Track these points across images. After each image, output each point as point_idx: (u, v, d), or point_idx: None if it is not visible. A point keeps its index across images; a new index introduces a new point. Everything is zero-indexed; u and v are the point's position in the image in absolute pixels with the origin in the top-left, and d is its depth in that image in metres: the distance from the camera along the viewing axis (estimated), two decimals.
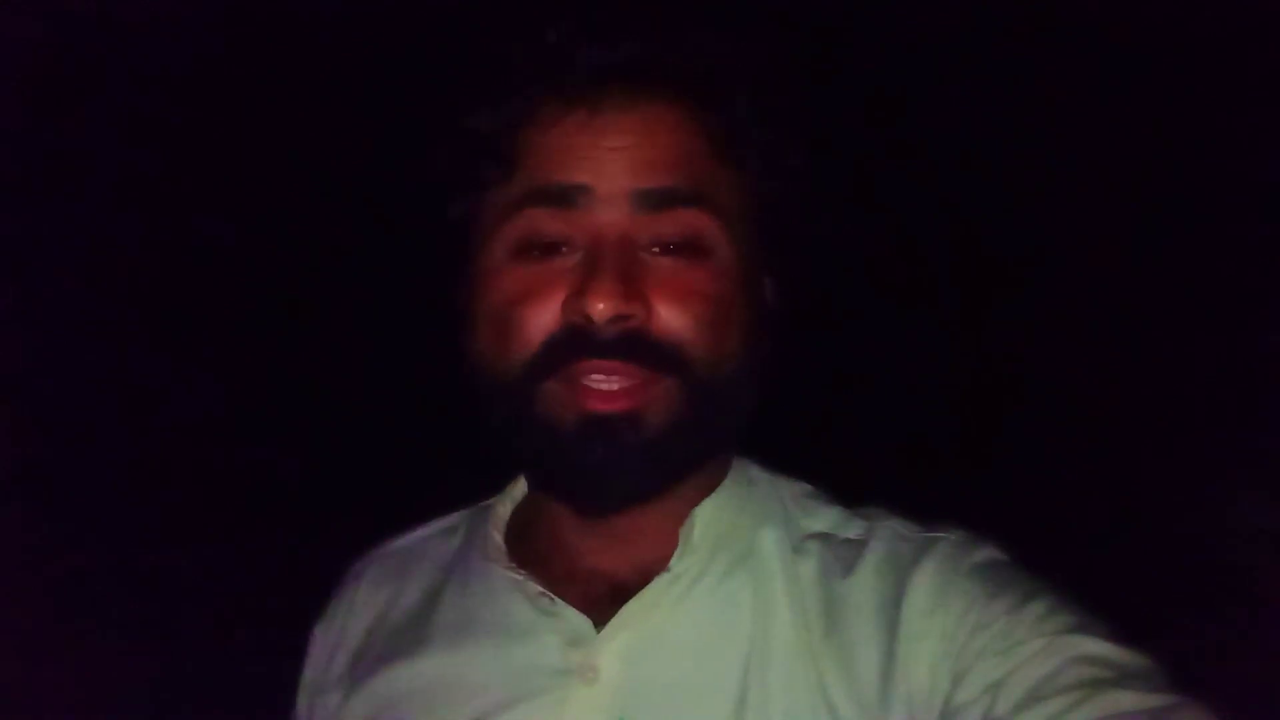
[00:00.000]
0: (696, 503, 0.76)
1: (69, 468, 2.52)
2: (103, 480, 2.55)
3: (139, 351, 2.62)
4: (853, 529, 0.78)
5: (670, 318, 0.68)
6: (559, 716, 0.71)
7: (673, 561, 0.74)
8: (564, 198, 0.69)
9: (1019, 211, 2.79)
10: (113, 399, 2.60)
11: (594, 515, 0.74)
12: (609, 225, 0.69)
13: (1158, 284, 2.64)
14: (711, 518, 0.76)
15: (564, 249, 0.70)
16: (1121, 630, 0.65)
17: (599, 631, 0.73)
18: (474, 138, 0.73)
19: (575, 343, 0.67)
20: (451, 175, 0.75)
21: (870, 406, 2.67)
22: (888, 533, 0.76)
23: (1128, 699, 0.59)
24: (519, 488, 0.86)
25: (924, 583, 0.71)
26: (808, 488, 0.84)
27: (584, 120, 0.70)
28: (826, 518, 0.80)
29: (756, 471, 0.84)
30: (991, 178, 2.79)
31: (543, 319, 0.68)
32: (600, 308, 0.66)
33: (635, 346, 0.67)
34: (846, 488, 0.83)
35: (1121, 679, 0.61)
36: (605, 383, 0.67)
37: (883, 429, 2.67)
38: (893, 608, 0.70)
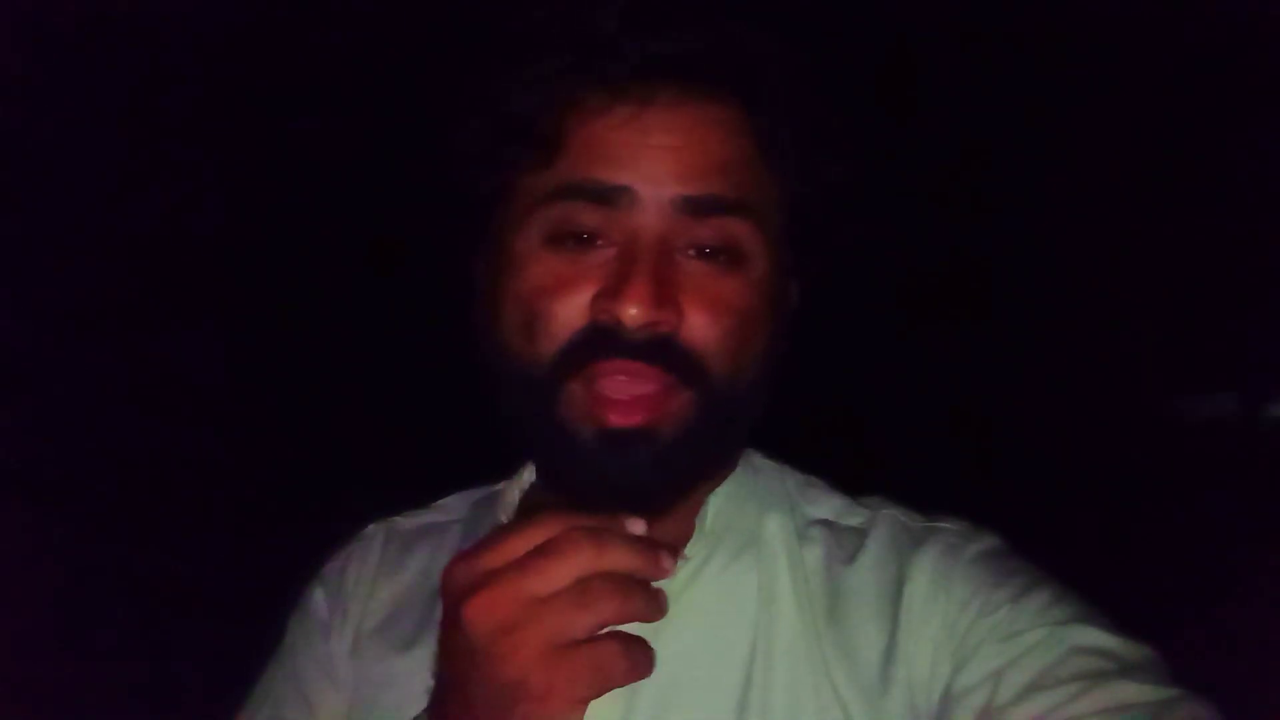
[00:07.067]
0: (707, 493, 0.77)
1: (69, 466, 2.51)
2: (102, 478, 2.54)
3: (135, 346, 2.61)
4: (855, 517, 0.79)
5: (700, 327, 0.67)
6: None
7: (688, 548, 0.74)
8: (605, 196, 0.67)
9: (1020, 213, 2.82)
10: (111, 391, 2.60)
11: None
12: (648, 227, 0.67)
13: (1144, 288, 2.72)
14: (723, 506, 0.77)
15: (599, 242, 0.68)
16: (1120, 622, 0.66)
17: None
18: (513, 118, 0.71)
19: (600, 342, 0.66)
20: (485, 153, 0.73)
21: (870, 400, 2.69)
22: (889, 521, 0.77)
23: (1129, 691, 0.60)
24: (529, 472, 0.86)
25: (926, 570, 0.71)
26: (810, 477, 0.84)
27: (631, 114, 0.68)
28: (829, 505, 0.80)
29: (760, 459, 0.84)
30: (992, 181, 2.82)
31: (570, 313, 0.67)
32: (632, 312, 0.64)
33: (661, 352, 0.66)
34: (845, 479, 0.84)
35: (1123, 671, 0.61)
36: (626, 386, 0.66)
37: (882, 423, 2.69)
38: (895, 594, 0.71)
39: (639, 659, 0.55)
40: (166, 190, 2.56)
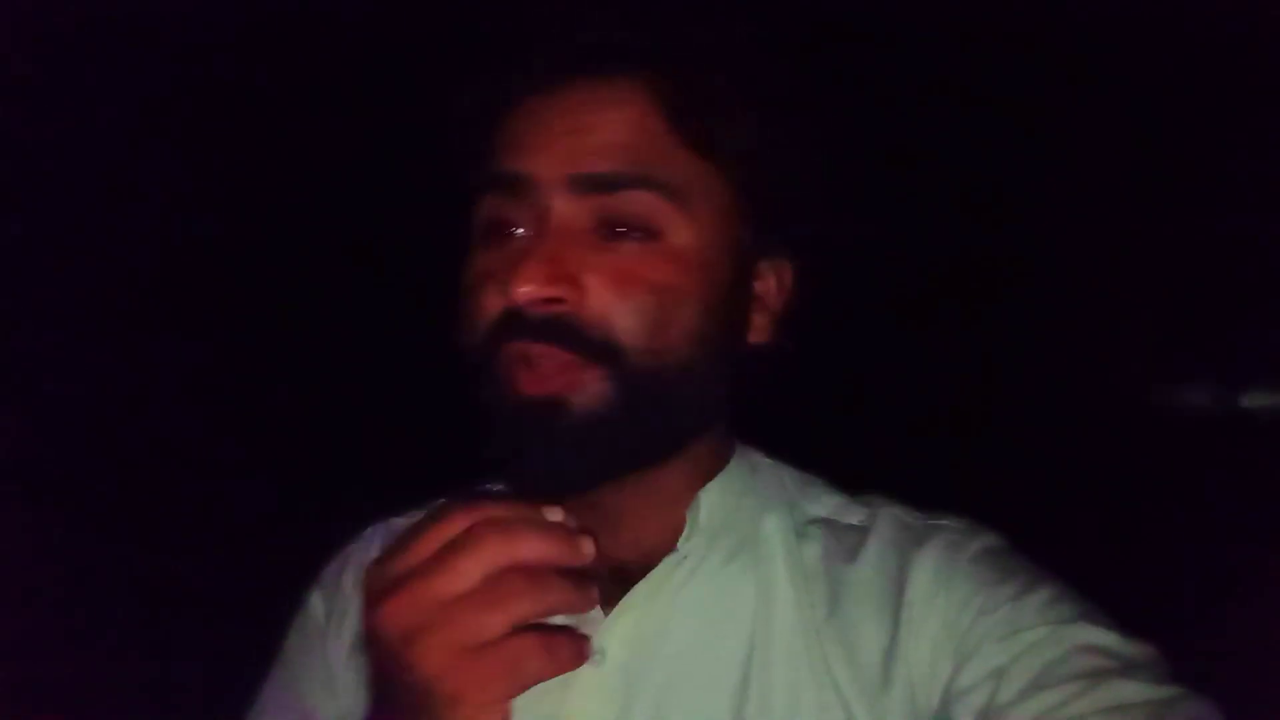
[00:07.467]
0: (695, 487, 0.77)
1: (69, 466, 2.51)
2: (102, 478, 2.54)
3: (135, 346, 2.61)
4: (855, 515, 0.79)
5: (603, 302, 0.67)
6: (565, 698, 0.71)
7: (680, 543, 0.74)
8: (509, 185, 0.71)
9: (1018, 209, 2.83)
10: (111, 391, 2.60)
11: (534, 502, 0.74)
12: (549, 210, 0.69)
13: (1140, 286, 2.74)
14: (717, 501, 0.77)
15: (517, 231, 0.72)
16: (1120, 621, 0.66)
17: (605, 614, 0.73)
18: (460, 125, 0.76)
19: (509, 325, 0.68)
20: (462, 159, 0.77)
21: (860, 396, 2.70)
22: (890, 519, 0.77)
23: (1131, 690, 0.60)
24: None
25: (927, 568, 0.72)
26: (810, 475, 0.85)
27: (541, 105, 0.71)
28: (829, 503, 0.81)
29: (759, 457, 0.84)
30: (989, 177, 2.82)
31: (489, 302, 0.70)
32: (522, 291, 0.66)
33: (561, 330, 0.67)
34: (845, 477, 0.84)
35: (1125, 670, 0.61)
36: (534, 363, 0.67)
37: (871, 420, 2.70)
38: (895, 592, 0.71)
39: (563, 653, 0.53)
40: (167, 190, 2.56)
